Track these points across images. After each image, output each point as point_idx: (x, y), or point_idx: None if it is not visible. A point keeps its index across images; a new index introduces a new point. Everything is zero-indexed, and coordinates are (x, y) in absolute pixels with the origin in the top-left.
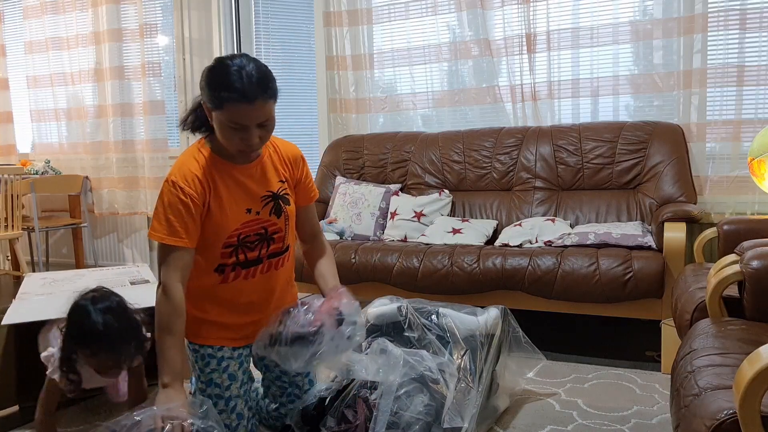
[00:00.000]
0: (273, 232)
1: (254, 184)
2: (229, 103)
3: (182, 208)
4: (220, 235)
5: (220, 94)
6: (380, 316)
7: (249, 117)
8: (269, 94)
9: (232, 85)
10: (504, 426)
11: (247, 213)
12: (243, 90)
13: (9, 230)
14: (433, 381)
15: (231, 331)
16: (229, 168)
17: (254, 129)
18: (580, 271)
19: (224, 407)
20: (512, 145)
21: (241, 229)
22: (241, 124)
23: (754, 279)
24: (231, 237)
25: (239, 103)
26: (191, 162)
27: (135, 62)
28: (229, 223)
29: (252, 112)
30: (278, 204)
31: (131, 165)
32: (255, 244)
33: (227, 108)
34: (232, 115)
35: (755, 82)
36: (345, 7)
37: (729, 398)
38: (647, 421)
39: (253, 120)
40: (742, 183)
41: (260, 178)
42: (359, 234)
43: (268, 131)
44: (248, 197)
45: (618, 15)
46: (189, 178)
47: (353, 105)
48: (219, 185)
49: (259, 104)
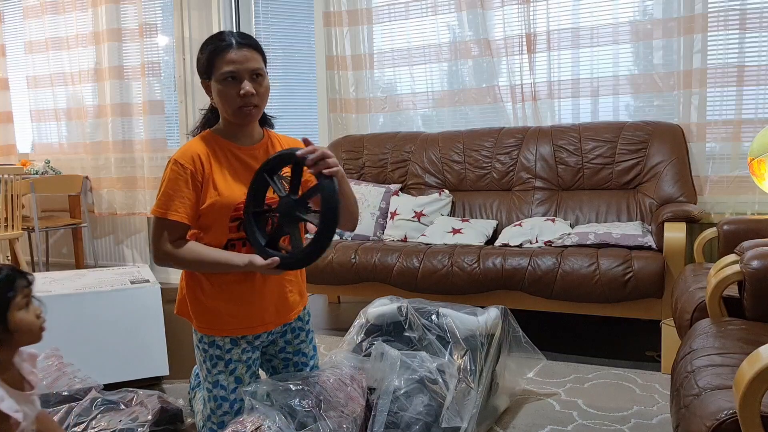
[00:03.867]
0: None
1: (257, 164)
2: (219, 54)
3: (182, 184)
4: (226, 209)
5: (210, 48)
6: (380, 316)
7: (239, 62)
8: (254, 46)
9: (220, 38)
10: (504, 426)
11: None
12: (229, 40)
13: (9, 230)
14: (431, 381)
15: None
16: (232, 147)
17: (247, 80)
18: (580, 271)
19: (229, 409)
20: (512, 145)
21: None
22: (233, 71)
23: (754, 279)
24: (237, 209)
25: (227, 50)
26: (195, 143)
27: (135, 62)
28: (234, 195)
29: (241, 58)
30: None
31: (130, 165)
32: None
33: (218, 61)
34: (224, 64)
35: (755, 82)
36: (345, 7)
37: (729, 398)
38: (647, 421)
39: (244, 66)
40: (742, 183)
41: (262, 158)
42: (359, 234)
43: (262, 86)
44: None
45: (618, 15)
46: (189, 156)
47: (353, 105)
48: (221, 162)
49: (246, 51)
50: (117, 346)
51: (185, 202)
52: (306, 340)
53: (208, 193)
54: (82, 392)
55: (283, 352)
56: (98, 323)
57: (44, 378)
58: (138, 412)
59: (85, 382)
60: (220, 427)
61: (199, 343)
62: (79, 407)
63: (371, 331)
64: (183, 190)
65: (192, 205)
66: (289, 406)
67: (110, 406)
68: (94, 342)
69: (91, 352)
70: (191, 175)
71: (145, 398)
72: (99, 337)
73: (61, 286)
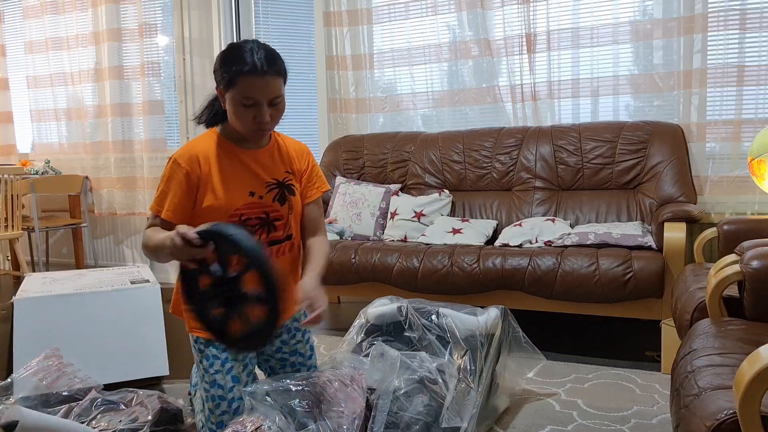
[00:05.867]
0: (275, 219)
1: (260, 169)
2: (241, 77)
3: (176, 183)
4: (222, 213)
5: (233, 69)
6: (380, 316)
7: (260, 91)
8: (278, 71)
9: (244, 59)
10: (504, 426)
11: (251, 195)
12: (254, 63)
13: (9, 230)
14: (431, 382)
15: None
16: (236, 150)
17: (266, 106)
18: (580, 271)
19: (227, 408)
20: (512, 145)
21: (243, 209)
22: (254, 98)
23: (754, 279)
24: (233, 216)
25: (251, 75)
26: (197, 142)
27: (134, 62)
28: (231, 201)
29: (263, 86)
30: (283, 192)
31: (129, 165)
32: (256, 228)
33: (240, 83)
34: (245, 89)
35: (755, 82)
36: (345, 7)
37: (729, 398)
38: (647, 421)
39: (265, 95)
40: (742, 183)
41: (267, 164)
42: (359, 234)
43: (279, 111)
44: (253, 180)
45: (618, 15)
46: (188, 156)
47: (353, 105)
48: (223, 165)
49: (269, 79)
50: (117, 346)
51: (176, 201)
52: (302, 340)
53: (206, 196)
54: (82, 392)
55: (280, 352)
56: (98, 323)
57: (44, 378)
58: (138, 412)
59: (85, 382)
60: (219, 427)
61: (195, 342)
62: (79, 407)
63: (371, 331)
64: (177, 190)
65: (184, 206)
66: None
67: (110, 406)
68: (94, 342)
69: (91, 352)
70: (186, 175)
71: (145, 398)
72: (99, 337)
73: (61, 286)
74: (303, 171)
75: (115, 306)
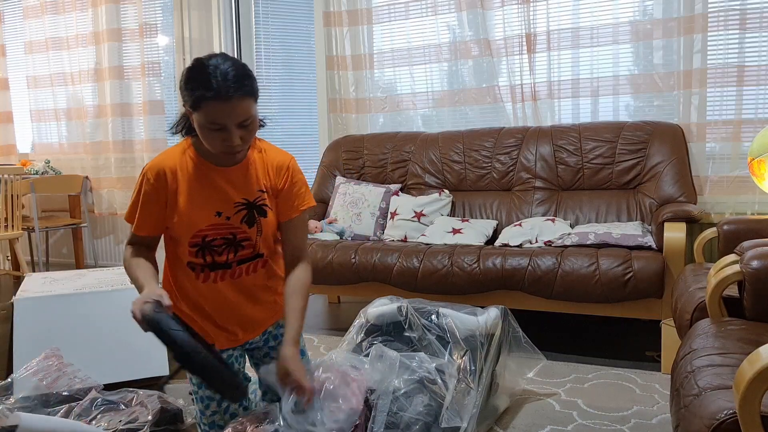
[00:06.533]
0: (242, 239)
1: (231, 188)
2: (206, 102)
3: (145, 198)
4: (185, 233)
5: (195, 94)
6: (380, 316)
7: (227, 116)
8: (246, 92)
9: (208, 83)
10: (504, 426)
11: (217, 216)
12: (218, 88)
13: (9, 230)
14: (431, 382)
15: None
16: (207, 168)
17: (234, 129)
18: (580, 271)
19: (217, 408)
20: (512, 145)
21: (207, 231)
22: (220, 123)
23: (754, 279)
24: (196, 237)
25: (215, 101)
26: (167, 157)
27: (135, 62)
28: (194, 221)
29: (229, 111)
30: (252, 213)
31: (130, 165)
32: (222, 248)
33: (204, 108)
34: (210, 114)
35: (755, 82)
36: (345, 7)
37: (729, 398)
38: (647, 421)
39: (232, 119)
40: (742, 183)
41: (239, 183)
42: (359, 234)
43: (249, 131)
44: (221, 200)
45: (618, 15)
46: (156, 171)
47: (353, 105)
48: (191, 182)
49: (236, 102)
50: (117, 346)
51: (144, 216)
52: None
53: (173, 214)
54: (82, 392)
55: (268, 357)
56: (98, 323)
57: (44, 378)
58: (138, 412)
59: (85, 382)
60: (211, 427)
61: None
62: (79, 407)
63: (371, 331)
64: (145, 205)
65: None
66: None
67: (110, 406)
68: (94, 342)
69: (91, 352)
70: (154, 190)
71: (145, 398)
72: (99, 337)
73: (61, 286)
74: (280, 188)
75: (116, 306)
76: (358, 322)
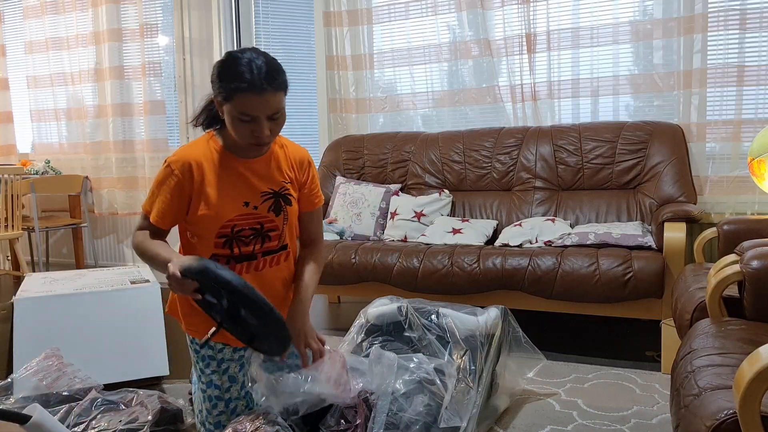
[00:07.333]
0: (269, 229)
1: (256, 179)
2: (239, 94)
3: (167, 189)
4: (214, 224)
5: (230, 85)
6: (380, 316)
7: (259, 108)
8: (278, 86)
9: (242, 75)
10: (504, 426)
11: (245, 206)
12: (252, 80)
13: (9, 230)
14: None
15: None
16: (232, 160)
17: (264, 121)
18: (580, 271)
19: (224, 409)
20: (512, 145)
21: (236, 220)
22: (251, 115)
23: (754, 279)
24: (225, 227)
25: (249, 93)
26: (193, 148)
27: (135, 62)
28: (224, 212)
29: (262, 103)
30: (278, 202)
31: (130, 165)
32: (249, 238)
33: (237, 99)
34: (242, 106)
35: (755, 82)
36: (345, 7)
37: (729, 398)
38: (647, 421)
39: (263, 111)
40: (742, 183)
41: (264, 173)
42: (359, 234)
43: (278, 125)
44: (248, 190)
45: (618, 15)
46: (181, 163)
47: (353, 105)
48: (218, 174)
49: (269, 95)
50: (117, 346)
51: (165, 207)
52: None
53: (199, 206)
54: (82, 392)
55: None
56: (98, 323)
57: (44, 378)
58: (138, 412)
59: (85, 382)
60: (217, 427)
61: (191, 343)
62: (79, 407)
63: (371, 331)
64: (167, 196)
65: (174, 212)
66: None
67: (110, 406)
68: (94, 342)
69: (91, 352)
70: (178, 183)
71: (145, 398)
72: (99, 337)
73: (61, 286)
74: (304, 182)
75: (115, 306)
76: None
